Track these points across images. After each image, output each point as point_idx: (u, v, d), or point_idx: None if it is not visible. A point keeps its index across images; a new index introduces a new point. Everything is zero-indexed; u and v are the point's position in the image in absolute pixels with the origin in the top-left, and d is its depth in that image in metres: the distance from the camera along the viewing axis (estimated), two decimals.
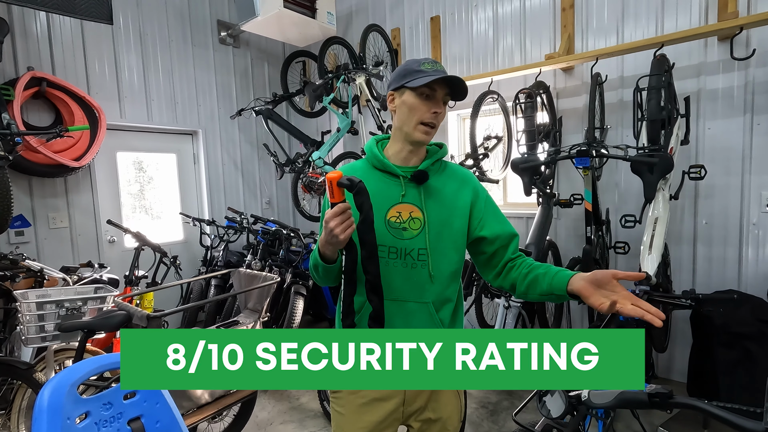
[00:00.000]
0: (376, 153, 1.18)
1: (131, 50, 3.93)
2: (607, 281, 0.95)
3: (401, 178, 1.14)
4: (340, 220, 0.97)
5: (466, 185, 1.19)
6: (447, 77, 1.08)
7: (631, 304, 0.89)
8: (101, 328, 1.83)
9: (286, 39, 4.57)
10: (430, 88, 1.09)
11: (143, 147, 4.20)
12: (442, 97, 1.11)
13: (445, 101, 1.13)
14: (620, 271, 0.95)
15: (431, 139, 1.15)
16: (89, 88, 3.65)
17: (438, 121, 1.12)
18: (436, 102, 1.10)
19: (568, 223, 3.39)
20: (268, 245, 3.69)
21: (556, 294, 1.03)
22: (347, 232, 0.98)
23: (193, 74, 4.40)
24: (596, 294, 0.95)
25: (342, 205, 0.97)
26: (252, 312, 2.50)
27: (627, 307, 0.88)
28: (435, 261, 1.12)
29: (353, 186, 0.97)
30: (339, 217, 0.97)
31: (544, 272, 1.08)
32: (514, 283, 1.15)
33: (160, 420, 1.02)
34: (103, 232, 3.77)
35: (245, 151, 4.91)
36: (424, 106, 1.10)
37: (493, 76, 3.31)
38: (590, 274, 0.99)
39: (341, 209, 0.97)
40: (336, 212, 0.97)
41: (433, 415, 1.17)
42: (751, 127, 2.66)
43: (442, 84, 1.09)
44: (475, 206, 1.18)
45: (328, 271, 1.11)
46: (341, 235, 0.97)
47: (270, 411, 2.79)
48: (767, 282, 2.61)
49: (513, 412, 2.64)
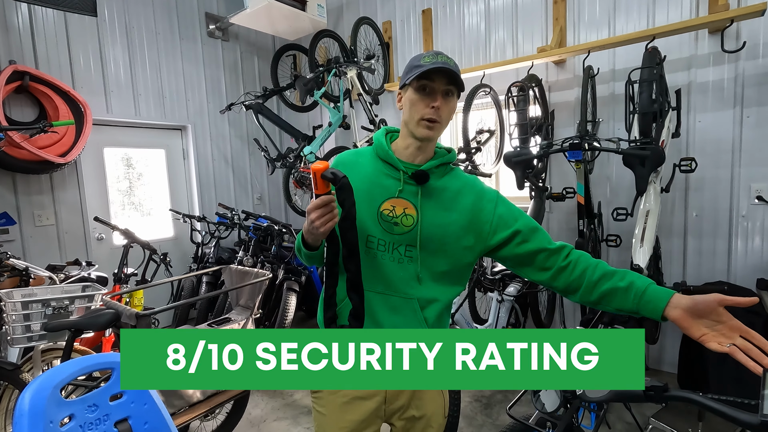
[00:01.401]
0: (382, 143, 1.15)
1: (117, 43, 3.84)
2: (710, 310, 0.86)
3: (402, 173, 1.11)
4: (321, 213, 0.95)
5: (470, 190, 1.14)
6: (435, 67, 1.02)
7: (740, 337, 0.83)
8: (89, 327, 1.79)
9: (276, 32, 4.50)
10: (428, 81, 1.05)
11: (131, 142, 4.12)
12: (441, 90, 1.05)
13: (449, 94, 1.07)
14: (727, 297, 0.84)
15: (437, 135, 1.10)
16: (74, 82, 3.57)
17: (440, 116, 1.06)
18: (434, 96, 1.06)
19: (560, 216, 3.40)
20: (259, 241, 3.66)
21: (645, 316, 0.95)
22: (328, 225, 0.96)
23: (181, 68, 4.32)
24: (697, 324, 0.87)
25: (325, 197, 0.95)
26: (244, 309, 2.47)
27: (739, 355, 0.82)
28: (424, 261, 1.09)
29: (337, 180, 0.94)
30: (321, 209, 0.95)
31: (625, 286, 0.98)
32: (577, 289, 1.07)
33: (149, 421, 0.99)
34: (90, 229, 3.71)
35: (236, 146, 4.85)
36: (421, 101, 1.06)
37: (485, 70, 3.29)
38: (690, 301, 0.88)
39: (324, 201, 0.94)
40: (318, 204, 0.95)
41: (416, 412, 1.16)
42: (741, 119, 2.67)
43: (440, 76, 1.05)
44: (483, 211, 1.12)
45: (311, 257, 1.13)
46: (321, 227, 0.96)
47: (263, 408, 2.77)
48: (756, 273, 2.64)
49: (506, 405, 2.65)
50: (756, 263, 2.68)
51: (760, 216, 2.66)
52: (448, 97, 1.07)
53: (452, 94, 1.08)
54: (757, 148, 2.63)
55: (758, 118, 2.61)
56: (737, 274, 2.74)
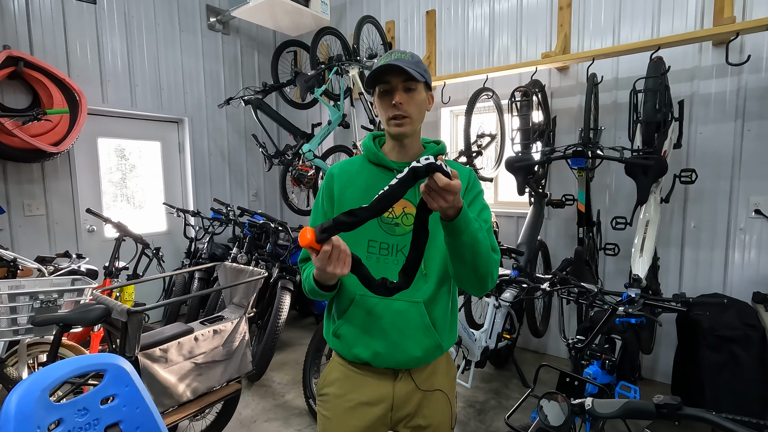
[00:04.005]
0: (371, 147, 1.15)
1: (115, 32, 3.77)
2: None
3: (395, 172, 1.09)
4: (332, 260, 0.84)
5: (462, 179, 1.12)
6: (383, 67, 1.01)
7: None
8: (78, 322, 1.73)
9: (278, 27, 4.45)
10: (385, 84, 1.04)
11: (126, 134, 4.05)
12: (400, 85, 1.03)
13: (410, 89, 1.04)
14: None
15: (411, 130, 1.08)
16: (69, 70, 3.49)
17: (406, 110, 1.04)
18: (393, 93, 1.04)
19: (559, 223, 3.39)
20: (254, 238, 3.61)
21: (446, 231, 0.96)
22: (346, 267, 0.85)
23: (180, 60, 4.25)
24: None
25: (327, 249, 0.82)
26: (237, 307, 2.43)
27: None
28: (428, 258, 1.07)
29: (332, 231, 0.81)
30: (331, 258, 0.83)
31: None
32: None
33: (141, 426, 0.95)
34: (81, 221, 3.63)
35: (233, 142, 4.79)
36: (383, 102, 1.06)
37: (488, 73, 3.27)
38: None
39: (326, 253, 0.83)
40: (322, 260, 0.83)
41: (423, 421, 1.14)
42: (742, 132, 2.68)
43: (394, 74, 1.02)
44: (465, 198, 1.11)
45: (327, 297, 1.07)
46: (343, 270, 0.85)
47: (254, 408, 2.72)
48: (752, 286, 2.65)
49: (500, 411, 2.64)
50: (752, 276, 2.68)
51: (757, 229, 2.67)
52: (410, 92, 1.05)
53: (414, 88, 1.05)
54: (757, 161, 2.64)
55: (759, 132, 2.62)
56: (733, 287, 2.75)
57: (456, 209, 0.88)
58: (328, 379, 1.18)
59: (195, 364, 2.02)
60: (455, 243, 0.94)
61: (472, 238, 0.93)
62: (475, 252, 0.95)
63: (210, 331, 2.10)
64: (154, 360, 1.86)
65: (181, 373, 1.96)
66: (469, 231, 0.92)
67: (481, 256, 0.97)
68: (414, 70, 1.01)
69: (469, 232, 0.92)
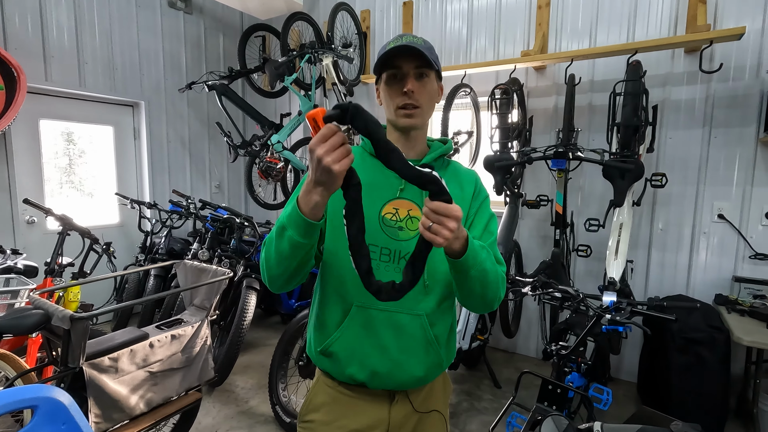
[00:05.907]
0: None
1: (61, 3, 3.40)
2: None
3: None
4: (329, 146, 0.69)
5: (469, 184, 1.05)
6: (397, 48, 0.90)
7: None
8: (10, 330, 1.51)
9: (246, 9, 4.20)
10: (395, 69, 0.93)
11: (74, 116, 3.69)
12: (412, 72, 0.93)
13: (423, 76, 0.95)
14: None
15: (421, 122, 0.98)
16: (6, 42, 3.11)
17: (417, 99, 0.94)
18: (405, 80, 0.93)
19: (531, 223, 3.40)
20: (217, 234, 3.38)
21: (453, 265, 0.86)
22: (343, 162, 0.70)
23: (136, 39, 3.92)
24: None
25: (333, 126, 0.70)
26: (199, 309, 2.24)
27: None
28: (432, 268, 0.96)
29: (345, 113, 0.69)
30: (329, 141, 0.70)
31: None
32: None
33: None
34: (20, 211, 3.27)
35: (194, 129, 4.49)
36: (394, 90, 0.95)
37: (467, 69, 3.20)
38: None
39: (331, 131, 0.70)
40: (326, 134, 0.69)
41: None
42: (709, 139, 2.76)
43: (407, 59, 0.92)
44: (472, 205, 1.03)
45: (297, 247, 0.81)
46: (335, 165, 0.69)
47: (215, 416, 2.54)
48: (714, 288, 2.74)
49: (472, 413, 2.60)
50: (714, 279, 2.78)
51: (719, 233, 2.76)
52: (422, 79, 0.95)
53: (427, 76, 0.96)
54: (722, 167, 2.72)
55: (725, 139, 2.70)
56: (696, 289, 2.84)
57: (461, 241, 0.79)
58: (314, 403, 1.04)
59: (150, 373, 1.83)
60: (463, 278, 0.85)
61: (481, 271, 0.84)
62: (484, 284, 0.87)
63: (167, 336, 1.91)
64: (102, 370, 1.66)
65: (133, 383, 1.77)
66: (477, 265, 0.83)
67: (490, 286, 0.88)
68: (429, 55, 0.91)
69: (477, 266, 0.83)
